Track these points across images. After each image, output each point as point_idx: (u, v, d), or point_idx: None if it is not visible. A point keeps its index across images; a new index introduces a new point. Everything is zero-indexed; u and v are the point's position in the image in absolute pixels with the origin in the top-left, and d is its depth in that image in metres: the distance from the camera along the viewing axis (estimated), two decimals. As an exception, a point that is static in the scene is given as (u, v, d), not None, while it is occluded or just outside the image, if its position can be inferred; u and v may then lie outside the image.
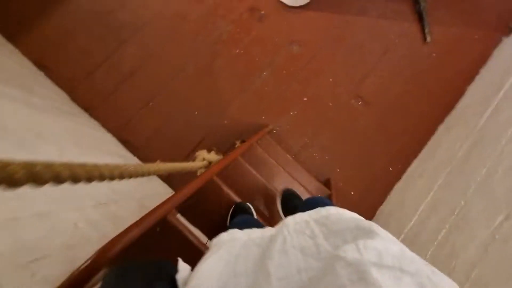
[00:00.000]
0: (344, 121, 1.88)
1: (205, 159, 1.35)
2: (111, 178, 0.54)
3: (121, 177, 0.57)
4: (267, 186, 1.15)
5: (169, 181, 1.72)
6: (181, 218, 0.84)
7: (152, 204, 0.69)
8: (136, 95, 1.80)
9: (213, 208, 0.90)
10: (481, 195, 1.11)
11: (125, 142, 1.73)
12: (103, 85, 1.79)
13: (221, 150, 1.71)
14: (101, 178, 0.50)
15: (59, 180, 0.42)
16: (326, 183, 1.73)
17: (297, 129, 1.85)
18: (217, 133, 1.80)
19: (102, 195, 0.83)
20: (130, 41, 1.84)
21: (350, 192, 1.81)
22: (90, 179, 0.48)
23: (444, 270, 0.29)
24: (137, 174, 0.61)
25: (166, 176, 1.72)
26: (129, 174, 0.56)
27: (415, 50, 1.96)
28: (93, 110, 1.74)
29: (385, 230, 0.34)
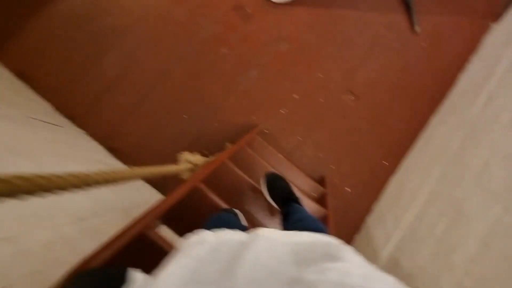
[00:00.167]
0: (337, 117, 1.85)
1: (189, 162, 1.30)
2: (79, 187, 0.51)
3: (90, 185, 0.53)
4: (258, 189, 1.11)
5: (161, 187, 1.68)
6: (165, 230, 0.80)
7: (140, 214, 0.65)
8: (122, 101, 1.75)
9: (201, 216, 0.86)
10: (478, 186, 1.08)
11: (113, 150, 1.68)
12: (87, 93, 1.74)
13: (212, 152, 1.67)
14: (65, 188, 0.47)
15: (14, 194, 0.38)
16: (321, 181, 1.70)
17: (288, 128, 1.82)
18: (207, 136, 1.76)
19: (81, 209, 0.79)
20: (113, 48, 1.79)
21: (345, 188, 1.78)
22: (50, 190, 0.44)
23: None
24: (107, 181, 0.57)
25: (158, 182, 1.68)
26: (96, 181, 0.52)
27: (404, 41, 1.93)
28: (78, 119, 1.69)
29: (357, 255, 0.34)
